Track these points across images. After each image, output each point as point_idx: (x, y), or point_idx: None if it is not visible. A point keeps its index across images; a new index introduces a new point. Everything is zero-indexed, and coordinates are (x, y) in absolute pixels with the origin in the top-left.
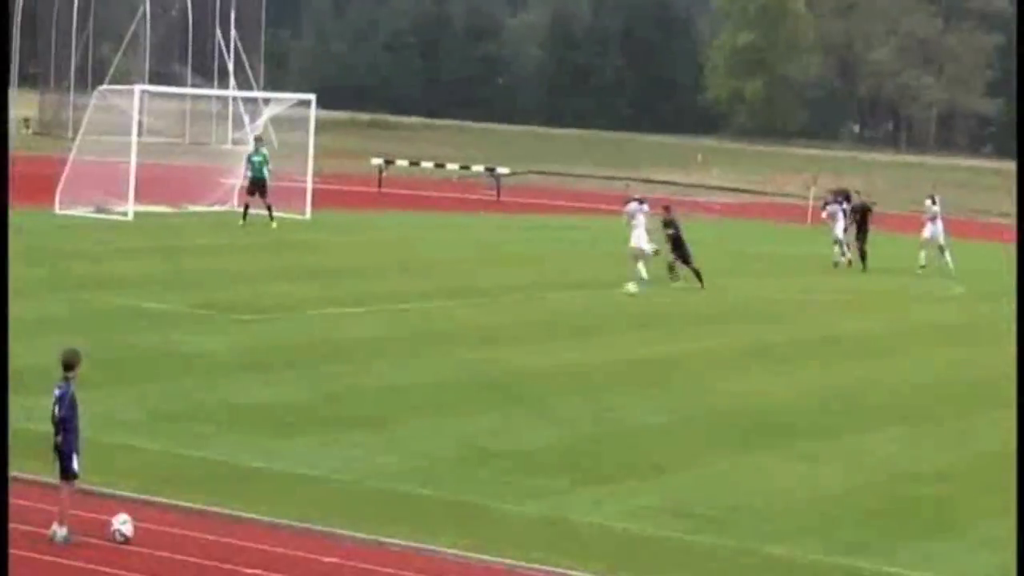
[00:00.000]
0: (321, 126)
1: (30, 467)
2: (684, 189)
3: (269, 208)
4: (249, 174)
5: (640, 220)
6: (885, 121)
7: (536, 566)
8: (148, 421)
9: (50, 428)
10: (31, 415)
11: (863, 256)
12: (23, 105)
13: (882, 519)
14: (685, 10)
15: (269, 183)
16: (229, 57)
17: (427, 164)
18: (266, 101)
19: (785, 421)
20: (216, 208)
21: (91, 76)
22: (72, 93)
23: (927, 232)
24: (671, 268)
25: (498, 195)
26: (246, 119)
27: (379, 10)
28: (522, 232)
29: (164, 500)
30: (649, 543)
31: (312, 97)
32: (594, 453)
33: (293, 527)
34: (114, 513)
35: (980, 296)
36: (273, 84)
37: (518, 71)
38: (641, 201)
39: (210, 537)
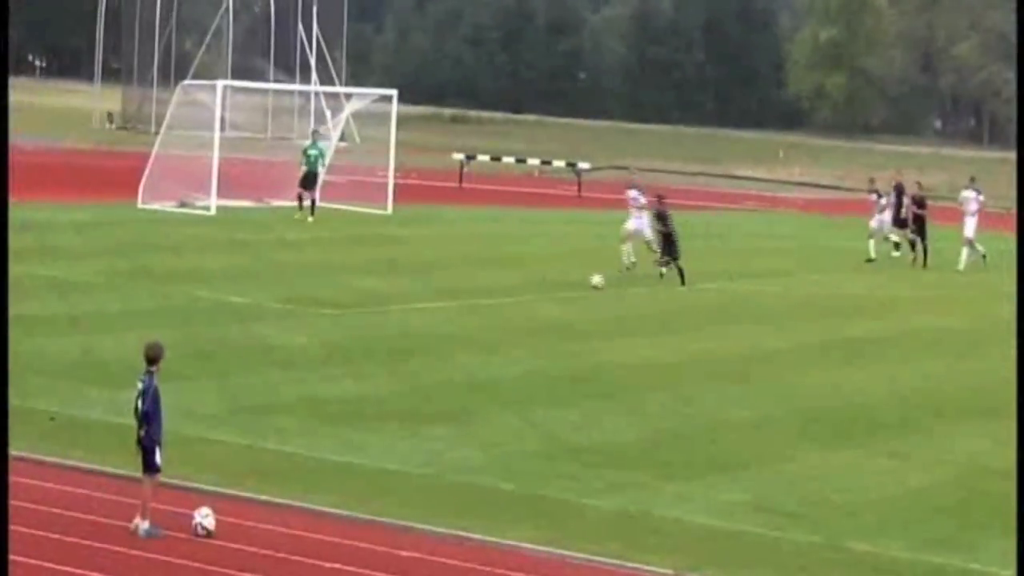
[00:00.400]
0: (403, 121)
1: (113, 460)
2: (766, 185)
3: (313, 203)
4: (304, 167)
5: (642, 205)
6: (967, 117)
7: (617, 561)
8: (230, 414)
9: (133, 421)
10: (116, 408)
11: (913, 248)
12: (106, 99)
13: (964, 515)
14: (767, 4)
15: (321, 178)
16: (311, 52)
17: (508, 159)
18: (348, 96)
19: (867, 416)
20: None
21: (174, 71)
22: (155, 88)
23: (969, 230)
24: (661, 266)
25: (579, 190)
26: (328, 114)
27: (461, 4)
28: (601, 227)
29: (245, 493)
30: (732, 538)
31: (393, 92)
32: (677, 448)
33: (373, 521)
34: (196, 506)
35: None
36: (355, 79)
37: (600, 66)
38: (640, 189)
39: (291, 531)
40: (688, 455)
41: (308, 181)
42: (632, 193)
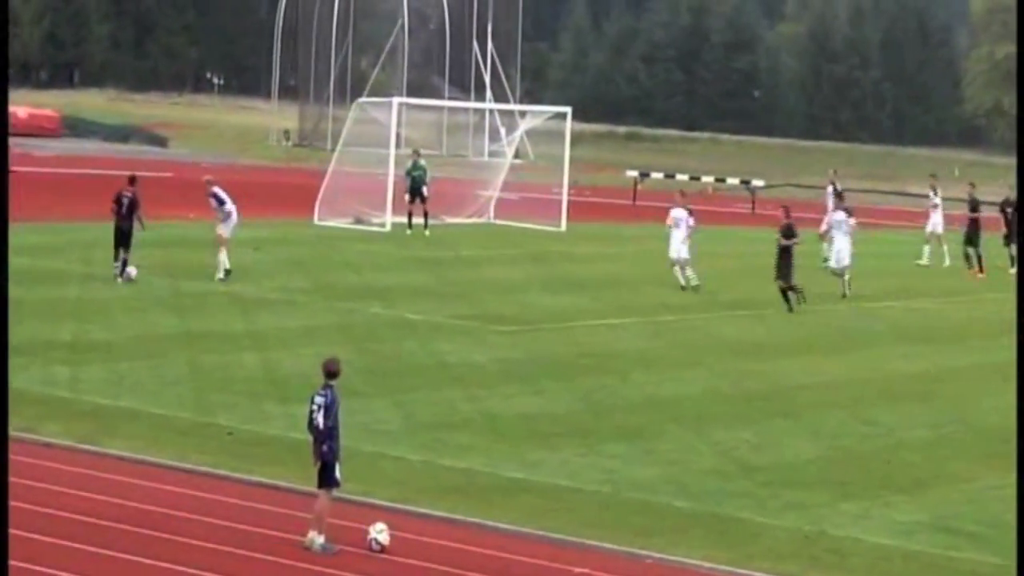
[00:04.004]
0: (577, 138)
1: (288, 475)
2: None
3: (426, 215)
4: (409, 188)
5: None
6: None
7: None
8: (408, 430)
9: (308, 436)
10: (293, 423)
11: (970, 259)
12: (283, 117)
13: None
14: (944, 21)
15: (428, 193)
16: (486, 70)
17: (683, 176)
18: (522, 113)
19: None
20: (474, 220)
21: (350, 88)
22: (331, 105)
23: (930, 225)
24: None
25: (753, 208)
26: (502, 131)
27: (637, 23)
28: (774, 245)
29: (421, 509)
30: (911, 558)
31: (568, 110)
32: (855, 467)
33: (549, 538)
34: (371, 522)
35: None
36: (531, 96)
37: (775, 83)
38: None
39: (466, 547)
40: (866, 474)
41: (415, 196)
42: (214, 203)
